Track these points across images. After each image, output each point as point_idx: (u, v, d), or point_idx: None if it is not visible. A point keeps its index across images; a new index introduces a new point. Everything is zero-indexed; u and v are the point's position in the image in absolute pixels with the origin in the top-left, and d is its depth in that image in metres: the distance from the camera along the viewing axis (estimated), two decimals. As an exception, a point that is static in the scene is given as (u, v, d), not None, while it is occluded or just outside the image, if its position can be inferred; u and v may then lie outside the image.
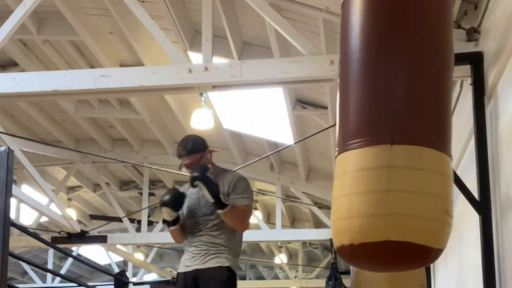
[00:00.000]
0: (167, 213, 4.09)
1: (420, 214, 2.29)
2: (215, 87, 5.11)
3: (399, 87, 2.37)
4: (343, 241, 2.40)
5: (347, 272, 8.34)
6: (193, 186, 4.01)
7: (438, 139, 2.38)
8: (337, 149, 2.53)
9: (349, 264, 2.64)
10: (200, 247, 4.11)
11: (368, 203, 2.32)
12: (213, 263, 4.06)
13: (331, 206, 2.53)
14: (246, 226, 4.19)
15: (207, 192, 3.96)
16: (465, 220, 4.69)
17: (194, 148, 4.17)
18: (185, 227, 4.20)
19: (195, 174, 3.99)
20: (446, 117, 2.43)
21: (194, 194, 4.18)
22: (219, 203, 3.97)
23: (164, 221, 4.24)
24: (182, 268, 4.18)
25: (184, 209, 4.18)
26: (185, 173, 4.20)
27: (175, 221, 4.13)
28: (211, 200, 3.98)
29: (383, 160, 2.31)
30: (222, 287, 4.03)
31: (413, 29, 2.43)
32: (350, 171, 2.40)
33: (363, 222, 2.32)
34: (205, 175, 3.99)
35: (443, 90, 2.45)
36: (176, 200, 4.11)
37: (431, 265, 6.49)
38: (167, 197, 4.09)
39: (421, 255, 2.34)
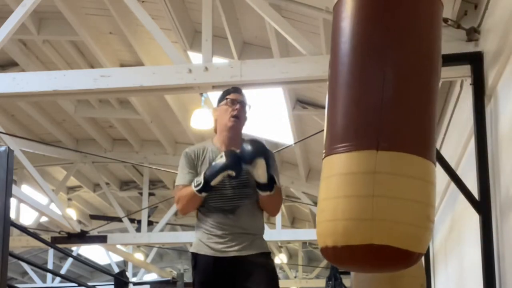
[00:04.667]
0: (222, 178, 3.45)
1: (403, 219, 2.36)
2: (215, 87, 5.11)
3: (386, 92, 2.41)
4: (327, 242, 2.45)
5: (347, 272, 8.35)
6: (248, 162, 3.41)
7: (423, 146, 2.44)
8: (324, 151, 2.59)
9: (333, 264, 2.69)
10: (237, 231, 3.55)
11: (353, 207, 2.37)
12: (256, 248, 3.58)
13: (317, 207, 2.57)
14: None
15: (263, 173, 3.42)
16: (465, 220, 4.69)
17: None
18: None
19: (258, 148, 3.44)
20: (432, 124, 2.50)
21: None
22: (270, 184, 3.46)
23: (202, 186, 3.47)
24: (210, 251, 3.54)
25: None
26: (226, 113, 3.61)
27: (210, 188, 3.49)
28: (263, 181, 3.44)
29: (368, 166, 2.37)
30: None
31: (401, 35, 2.46)
32: (336, 174, 2.45)
33: (347, 225, 2.37)
34: (268, 152, 3.47)
35: (430, 97, 2.50)
36: (238, 163, 3.45)
37: (431, 265, 6.49)
38: (230, 160, 3.42)
39: (403, 259, 2.42)
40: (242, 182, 3.55)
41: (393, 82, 2.42)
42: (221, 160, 3.44)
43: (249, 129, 8.66)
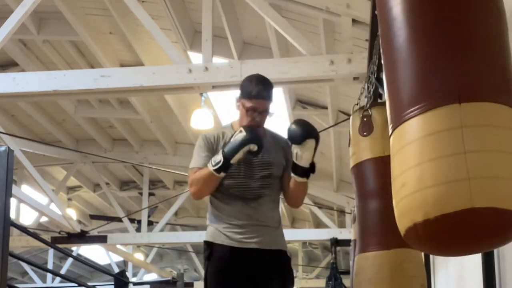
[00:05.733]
0: (243, 154, 3.26)
1: (504, 174, 2.01)
2: (215, 87, 5.11)
3: (459, 42, 2.13)
4: (416, 218, 2.05)
5: (347, 272, 8.36)
6: (297, 142, 3.28)
7: (508, 94, 2.15)
8: (391, 126, 2.25)
9: (422, 249, 2.25)
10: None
11: (444, 168, 2.02)
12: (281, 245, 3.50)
13: (392, 188, 2.20)
14: None
15: (309, 156, 3.32)
16: (465, 220, 4.68)
17: (272, 95, 3.48)
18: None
19: (310, 128, 3.32)
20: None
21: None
22: (309, 170, 3.36)
23: (221, 165, 3.27)
24: (227, 241, 3.38)
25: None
26: (246, 119, 3.41)
27: (230, 166, 3.30)
28: (305, 165, 3.34)
29: (453, 121, 2.05)
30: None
31: None
32: (413, 140, 2.11)
33: (439, 191, 2.00)
34: (318, 133, 3.33)
35: (505, 44, 2.22)
36: (259, 137, 3.32)
37: (431, 265, 6.49)
38: (250, 134, 3.26)
39: (510, 223, 2.02)
40: (266, 172, 3.43)
41: (464, 30, 2.14)
42: (241, 134, 3.24)
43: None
